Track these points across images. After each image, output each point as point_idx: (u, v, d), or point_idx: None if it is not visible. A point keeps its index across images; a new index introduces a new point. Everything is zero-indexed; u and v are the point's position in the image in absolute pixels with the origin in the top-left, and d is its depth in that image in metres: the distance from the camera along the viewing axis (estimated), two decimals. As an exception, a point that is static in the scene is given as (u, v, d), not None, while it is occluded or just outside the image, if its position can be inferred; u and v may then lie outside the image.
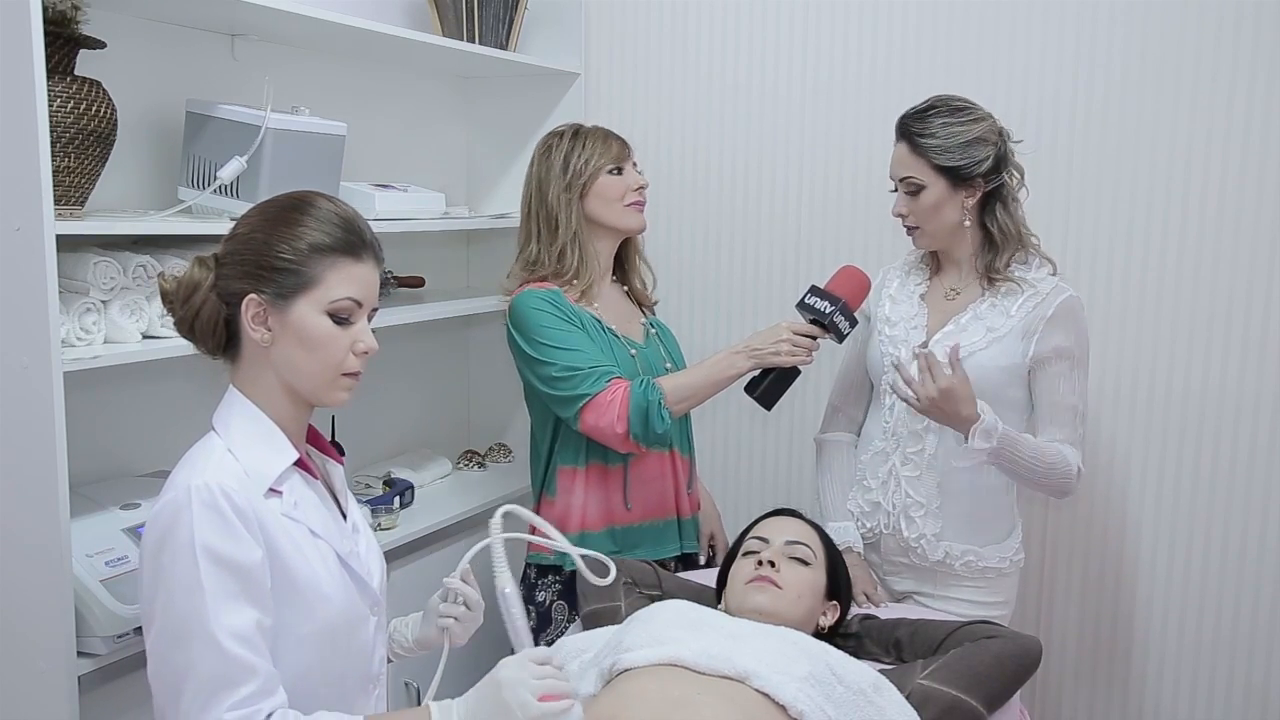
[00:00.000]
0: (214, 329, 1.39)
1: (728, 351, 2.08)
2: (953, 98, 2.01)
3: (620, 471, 2.18)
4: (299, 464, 1.41)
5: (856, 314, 2.04)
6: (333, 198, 1.42)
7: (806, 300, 2.03)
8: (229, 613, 1.26)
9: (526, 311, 2.12)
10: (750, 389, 2.06)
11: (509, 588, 1.44)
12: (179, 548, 1.26)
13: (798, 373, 2.05)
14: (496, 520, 1.46)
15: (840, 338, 2.04)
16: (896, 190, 2.03)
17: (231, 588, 1.27)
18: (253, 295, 1.35)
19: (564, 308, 2.13)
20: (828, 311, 2.00)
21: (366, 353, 1.40)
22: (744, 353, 2.05)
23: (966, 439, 1.89)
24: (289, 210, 1.38)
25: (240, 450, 1.35)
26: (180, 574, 1.25)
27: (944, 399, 1.86)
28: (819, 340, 2.04)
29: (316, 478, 1.46)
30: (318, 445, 1.52)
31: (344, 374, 1.39)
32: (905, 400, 1.93)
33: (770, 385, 2.04)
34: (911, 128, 1.98)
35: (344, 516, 1.49)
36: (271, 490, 1.36)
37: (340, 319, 1.37)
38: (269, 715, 1.26)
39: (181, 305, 1.38)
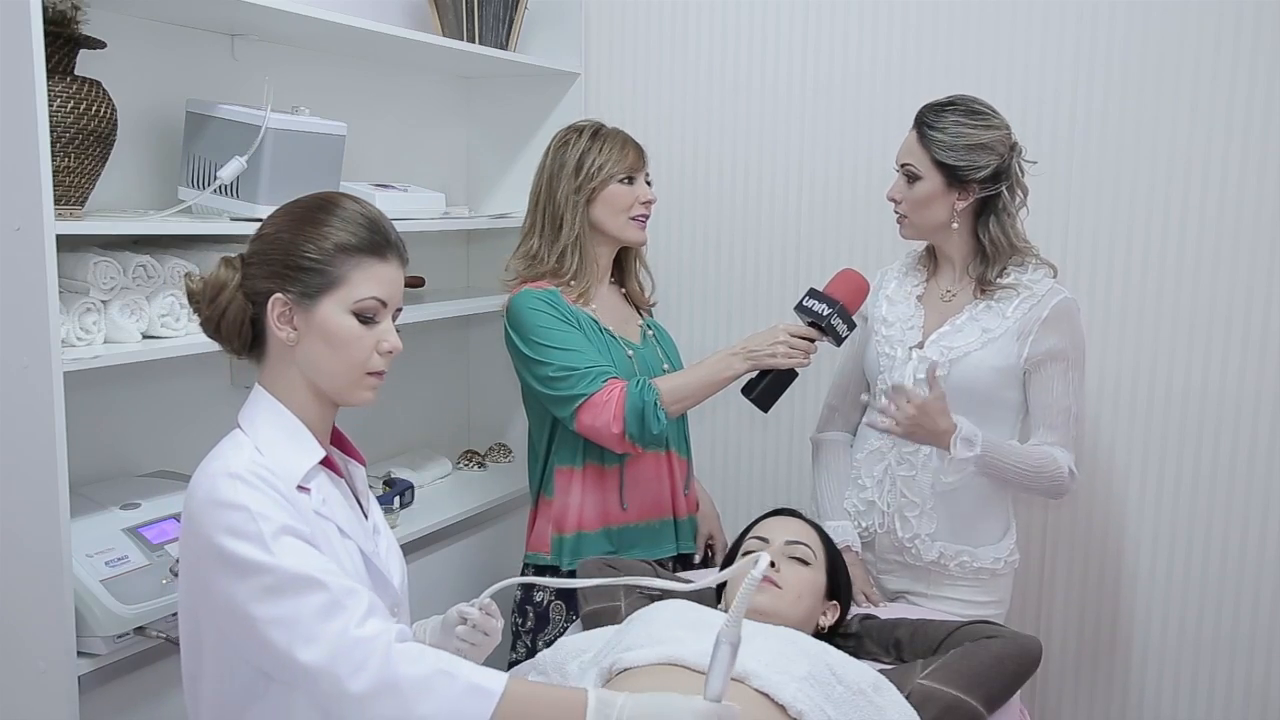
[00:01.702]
0: (240, 328, 1.40)
1: (724, 353, 2.08)
2: (976, 101, 2.01)
3: (617, 472, 2.18)
4: (325, 463, 1.41)
5: (855, 316, 2.05)
6: (358, 198, 1.43)
7: (804, 303, 2.03)
8: (310, 556, 1.28)
9: (524, 311, 2.12)
10: (747, 391, 2.06)
11: (734, 640, 1.28)
12: (243, 523, 1.27)
13: (795, 375, 2.05)
14: (756, 575, 1.27)
15: (838, 341, 2.04)
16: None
17: (302, 545, 1.29)
18: (278, 295, 1.36)
19: (561, 308, 2.13)
20: (825, 314, 2.00)
21: (391, 352, 1.41)
22: (740, 354, 2.05)
23: (950, 451, 1.91)
24: (315, 210, 1.39)
25: (267, 448, 1.36)
26: (253, 541, 1.26)
27: (921, 415, 1.88)
28: (816, 343, 2.04)
29: (341, 477, 1.46)
30: (340, 446, 1.52)
31: (369, 373, 1.40)
32: (886, 430, 1.94)
33: (767, 387, 2.04)
34: (925, 118, 2.00)
35: (365, 516, 1.49)
36: (300, 488, 1.36)
37: (365, 318, 1.38)
38: (401, 638, 1.27)
39: (208, 305, 1.40)
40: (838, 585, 1.87)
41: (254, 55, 2.23)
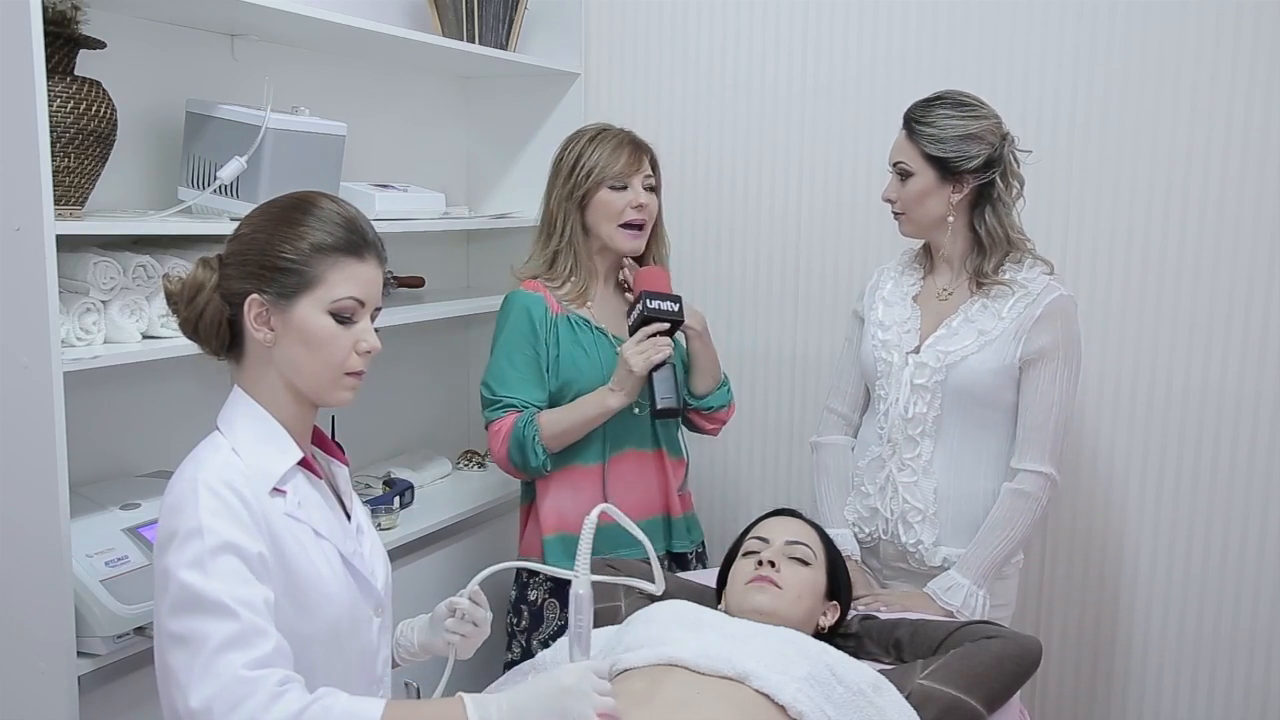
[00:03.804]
0: (218, 329, 1.39)
1: (601, 389, 2.11)
2: (962, 93, 2.01)
3: (599, 470, 2.18)
4: (303, 464, 1.41)
5: (860, 311, 2.05)
6: (335, 197, 1.43)
7: (632, 317, 2.09)
8: (239, 586, 1.26)
9: (504, 312, 2.20)
10: (657, 411, 2.06)
11: (584, 590, 1.38)
12: (188, 534, 1.26)
13: (666, 363, 2.06)
14: (592, 518, 1.40)
15: (673, 319, 2.07)
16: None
17: (240, 569, 1.27)
18: (255, 295, 1.35)
19: (536, 319, 2.15)
20: (653, 305, 2.05)
21: (369, 352, 1.40)
22: (611, 388, 2.09)
23: (956, 611, 1.97)
24: (291, 210, 1.38)
25: (244, 449, 1.35)
26: (189, 556, 1.25)
27: (907, 601, 2.00)
28: (665, 328, 2.06)
29: (320, 478, 1.46)
30: (322, 446, 1.52)
31: (347, 373, 1.40)
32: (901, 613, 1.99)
33: (656, 388, 2.05)
34: (913, 115, 2.01)
35: (348, 517, 1.49)
36: (275, 490, 1.36)
37: (343, 318, 1.37)
38: (284, 682, 1.24)
39: (186, 306, 1.39)
40: (838, 585, 1.87)
41: (254, 55, 2.23)
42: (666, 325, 2.06)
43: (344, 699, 1.25)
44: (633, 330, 2.08)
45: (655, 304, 2.07)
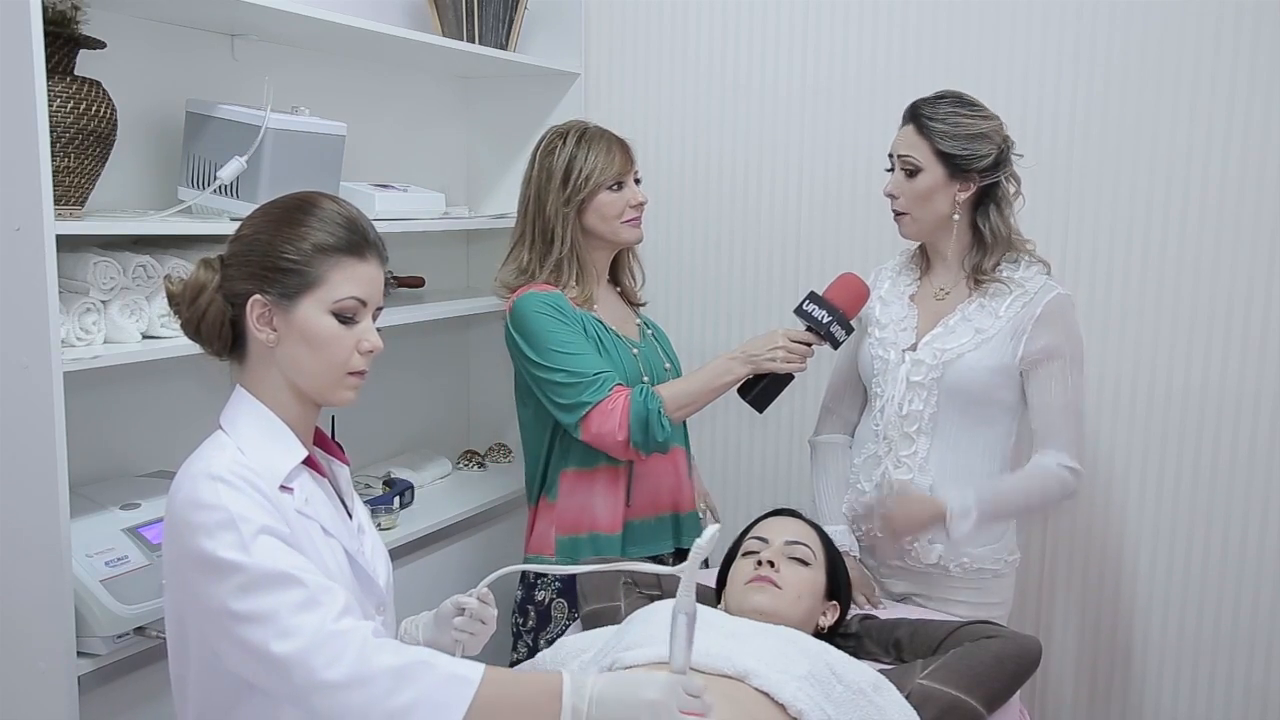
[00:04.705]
0: (220, 330, 1.39)
1: (725, 357, 2.10)
2: (964, 94, 2.01)
3: (626, 471, 2.18)
4: (307, 462, 1.41)
5: (852, 320, 2.05)
6: (336, 197, 1.43)
7: (805, 307, 2.04)
8: (288, 556, 1.28)
9: (530, 315, 2.11)
10: (743, 392, 2.09)
11: (689, 610, 1.33)
12: (221, 524, 1.27)
13: (791, 378, 2.07)
14: (705, 541, 1.31)
15: (835, 345, 2.06)
16: (892, 169, 2.04)
17: (281, 545, 1.29)
18: (257, 296, 1.36)
19: (567, 311, 2.12)
20: (825, 321, 2.02)
21: (371, 351, 1.40)
22: (740, 358, 2.07)
23: (949, 534, 1.93)
24: (293, 211, 1.39)
25: (249, 448, 1.36)
26: (230, 542, 1.26)
27: (901, 521, 1.96)
28: (813, 347, 2.05)
29: (324, 476, 1.46)
30: (323, 445, 1.52)
31: (349, 373, 1.40)
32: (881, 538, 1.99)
33: (764, 390, 2.07)
34: (921, 111, 2.00)
35: (350, 516, 1.49)
36: (283, 487, 1.36)
37: (345, 318, 1.38)
38: (379, 633, 1.26)
39: (188, 307, 1.39)
40: (837, 585, 1.87)
41: (254, 55, 2.23)
42: (817, 336, 2.04)
43: (445, 659, 1.28)
44: (799, 314, 2.05)
45: (810, 307, 2.03)
